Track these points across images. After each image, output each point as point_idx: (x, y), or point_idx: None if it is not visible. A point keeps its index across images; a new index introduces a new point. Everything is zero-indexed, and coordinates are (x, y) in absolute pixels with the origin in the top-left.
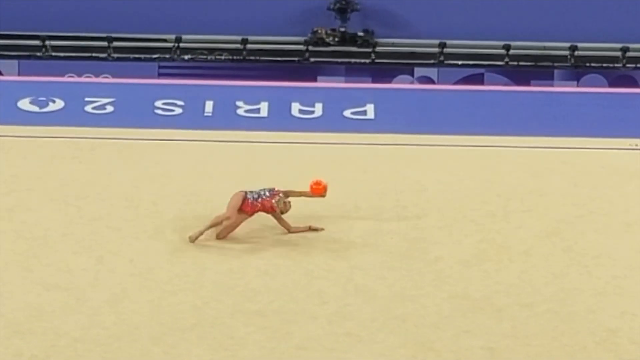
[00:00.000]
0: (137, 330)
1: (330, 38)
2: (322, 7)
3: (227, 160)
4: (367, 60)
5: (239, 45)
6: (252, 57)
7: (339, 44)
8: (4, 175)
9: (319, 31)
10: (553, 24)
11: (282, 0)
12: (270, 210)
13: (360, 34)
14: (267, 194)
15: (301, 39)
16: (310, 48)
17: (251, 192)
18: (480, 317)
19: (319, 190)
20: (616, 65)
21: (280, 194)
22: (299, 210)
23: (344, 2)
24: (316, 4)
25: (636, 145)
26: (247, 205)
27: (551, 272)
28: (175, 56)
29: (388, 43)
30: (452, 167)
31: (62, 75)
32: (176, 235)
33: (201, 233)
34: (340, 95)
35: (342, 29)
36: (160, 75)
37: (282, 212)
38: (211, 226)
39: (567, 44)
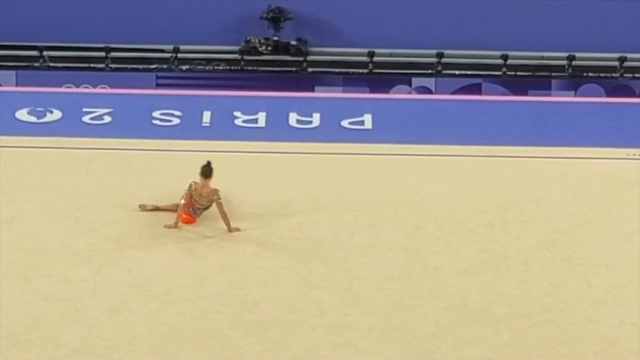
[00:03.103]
0: (136, 340)
1: (263, 47)
2: (254, 16)
3: (225, 170)
4: (365, 70)
5: (236, 56)
6: (250, 68)
7: (272, 52)
8: (2, 186)
9: (252, 40)
10: (550, 34)
11: (214, 9)
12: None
13: (293, 42)
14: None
15: (234, 47)
16: (309, 58)
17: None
18: (479, 327)
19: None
20: (614, 75)
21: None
22: (298, 218)
23: (276, 11)
24: (249, 12)
25: (634, 154)
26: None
27: (550, 282)
28: (173, 66)
29: (385, 53)
30: (450, 177)
31: (60, 85)
32: (175, 246)
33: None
34: (338, 105)
35: (275, 38)
36: (158, 85)
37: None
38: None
39: (565, 54)
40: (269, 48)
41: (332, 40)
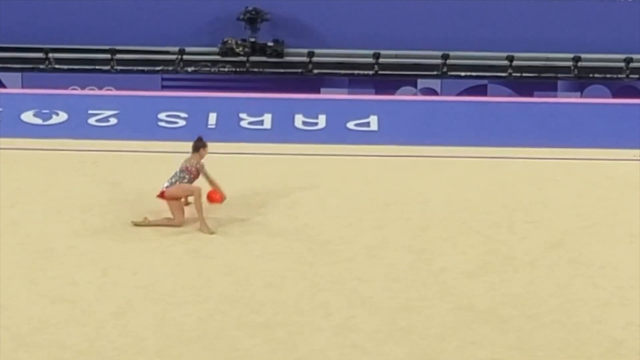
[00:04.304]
0: (142, 342)
1: (240, 48)
2: (231, 17)
3: (231, 172)
4: (370, 72)
5: (242, 58)
6: (255, 69)
7: (249, 54)
8: (8, 188)
9: (229, 41)
10: (556, 35)
11: (191, 11)
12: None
13: (270, 44)
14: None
15: (212, 49)
16: (314, 60)
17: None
18: (485, 329)
19: (216, 199)
20: (620, 76)
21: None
22: (304, 219)
23: (253, 12)
24: (226, 14)
25: None
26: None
27: (556, 283)
28: (179, 68)
29: (390, 55)
30: (456, 178)
31: (66, 87)
32: (181, 248)
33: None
34: (343, 106)
35: (252, 39)
36: (163, 87)
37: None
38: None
39: (571, 55)
40: (246, 49)
41: (310, 41)
